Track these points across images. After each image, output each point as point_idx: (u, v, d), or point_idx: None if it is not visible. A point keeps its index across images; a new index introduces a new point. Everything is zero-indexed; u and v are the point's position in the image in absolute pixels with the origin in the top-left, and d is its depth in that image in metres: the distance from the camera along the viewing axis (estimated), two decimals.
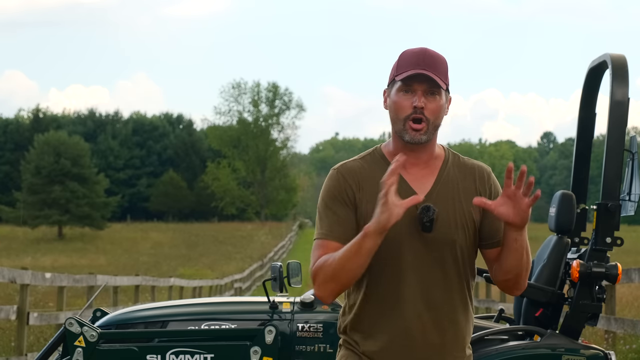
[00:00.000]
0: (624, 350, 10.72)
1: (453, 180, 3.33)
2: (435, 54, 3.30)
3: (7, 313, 10.98)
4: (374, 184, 3.24)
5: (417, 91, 3.25)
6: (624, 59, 5.06)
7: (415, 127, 3.25)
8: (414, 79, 3.25)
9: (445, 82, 3.28)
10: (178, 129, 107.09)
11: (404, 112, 3.26)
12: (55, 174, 74.39)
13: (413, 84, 3.25)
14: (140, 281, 20.18)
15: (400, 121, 3.27)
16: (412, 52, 3.30)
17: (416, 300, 3.25)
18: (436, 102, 3.26)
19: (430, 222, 3.23)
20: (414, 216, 3.24)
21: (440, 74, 3.26)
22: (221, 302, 5.63)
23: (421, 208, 3.24)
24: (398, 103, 3.27)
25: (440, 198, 3.29)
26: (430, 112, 3.25)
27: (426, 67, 3.25)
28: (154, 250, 59.24)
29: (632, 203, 5.04)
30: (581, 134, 5.68)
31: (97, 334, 4.99)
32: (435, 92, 3.26)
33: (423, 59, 3.27)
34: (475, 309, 21.28)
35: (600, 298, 5.00)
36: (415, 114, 3.24)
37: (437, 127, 3.29)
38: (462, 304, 3.33)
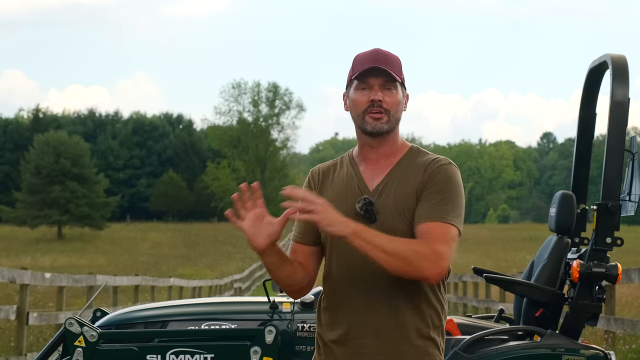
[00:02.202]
0: (623, 350, 10.73)
1: (403, 174, 3.39)
2: (387, 53, 3.41)
3: (7, 313, 10.98)
4: (334, 183, 3.45)
5: (373, 86, 3.35)
6: (624, 59, 5.06)
7: (375, 116, 3.35)
8: (369, 74, 3.35)
9: (400, 77, 3.38)
10: (178, 129, 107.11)
11: (362, 106, 3.37)
12: (55, 174, 74.40)
13: (369, 80, 3.36)
14: (140, 281, 20.18)
15: (360, 115, 3.38)
16: (365, 53, 3.42)
17: (366, 291, 3.33)
18: (393, 95, 3.36)
19: (366, 213, 3.33)
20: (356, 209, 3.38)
21: (394, 69, 3.37)
22: (221, 302, 5.63)
23: (359, 199, 3.36)
24: (356, 100, 3.38)
25: (387, 190, 3.37)
26: (389, 104, 3.36)
27: (380, 63, 3.36)
28: (154, 250, 59.27)
29: (632, 203, 5.05)
30: (581, 134, 5.68)
31: (97, 334, 4.99)
32: (391, 86, 3.36)
33: (376, 57, 3.38)
34: (475, 309, 21.30)
35: (600, 298, 5.00)
36: (372, 107, 3.35)
37: (397, 120, 3.39)
38: (418, 294, 3.33)
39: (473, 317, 5.48)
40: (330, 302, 3.41)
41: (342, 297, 3.37)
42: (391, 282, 3.29)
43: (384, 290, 3.32)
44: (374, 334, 3.32)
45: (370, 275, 3.32)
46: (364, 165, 3.44)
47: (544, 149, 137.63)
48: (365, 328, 3.33)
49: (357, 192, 3.39)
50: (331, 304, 3.40)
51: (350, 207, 3.35)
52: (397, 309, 3.32)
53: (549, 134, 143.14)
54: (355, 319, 3.34)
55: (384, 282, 3.31)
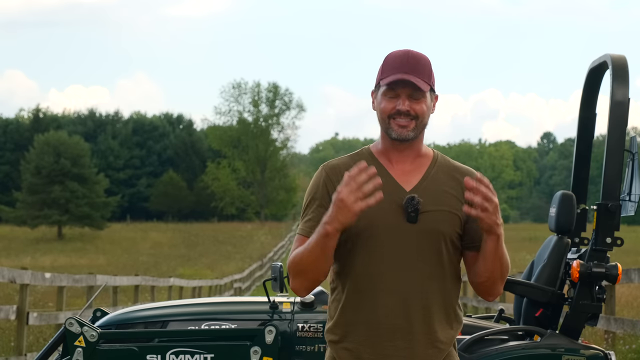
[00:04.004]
0: (623, 350, 10.72)
1: (440, 179, 3.39)
2: (418, 56, 3.38)
3: (7, 313, 10.97)
4: None
5: (401, 95, 3.33)
6: (624, 59, 5.06)
7: (401, 123, 3.34)
8: (397, 83, 3.33)
9: (429, 83, 3.36)
10: (178, 129, 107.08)
11: (388, 112, 3.36)
12: (55, 174, 74.36)
13: (397, 89, 3.34)
14: (140, 281, 20.18)
15: (385, 120, 3.37)
16: (395, 56, 3.39)
17: (400, 291, 3.30)
18: (420, 104, 3.34)
19: (415, 212, 3.29)
20: (399, 207, 3.31)
21: (423, 76, 3.34)
22: (221, 302, 5.63)
23: (406, 198, 3.31)
24: (383, 105, 3.36)
25: (427, 192, 3.34)
26: (416, 111, 3.34)
27: (409, 71, 3.33)
28: (154, 250, 59.24)
29: (632, 203, 5.05)
30: (581, 134, 5.68)
31: (97, 334, 4.99)
32: (420, 95, 3.34)
33: (406, 62, 3.35)
34: (475, 309, 21.30)
35: (600, 298, 5.00)
36: (399, 114, 3.34)
37: (424, 126, 3.38)
38: (447, 297, 3.36)
39: (473, 317, 5.48)
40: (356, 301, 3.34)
41: (372, 297, 3.32)
42: (425, 284, 3.30)
43: (418, 293, 3.30)
44: (406, 336, 3.30)
45: (406, 277, 3.30)
46: (390, 165, 3.41)
47: (544, 149, 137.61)
48: (396, 330, 3.30)
49: (392, 192, 3.33)
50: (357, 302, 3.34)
51: (385, 205, 3.28)
52: (428, 313, 3.31)
53: (549, 134, 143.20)
54: (386, 321, 3.30)
55: (418, 284, 3.30)
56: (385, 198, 3.27)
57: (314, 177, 3.45)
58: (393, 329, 3.30)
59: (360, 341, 3.33)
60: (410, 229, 3.30)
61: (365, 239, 3.31)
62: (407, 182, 3.37)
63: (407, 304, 3.29)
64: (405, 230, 3.31)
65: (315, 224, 3.30)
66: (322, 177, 3.42)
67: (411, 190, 3.34)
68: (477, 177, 3.17)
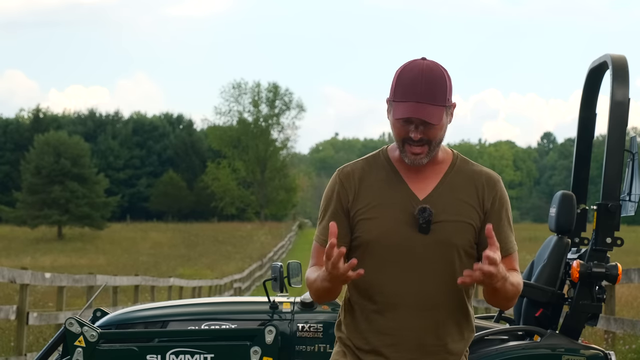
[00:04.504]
0: (623, 350, 10.72)
1: (456, 185, 3.32)
2: (433, 78, 3.22)
3: (7, 313, 10.98)
4: (374, 187, 3.31)
5: (414, 122, 3.23)
6: (625, 59, 5.06)
7: (415, 151, 3.25)
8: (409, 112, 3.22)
9: (444, 104, 3.23)
10: (178, 129, 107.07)
11: (401, 136, 3.27)
12: (55, 174, 74.37)
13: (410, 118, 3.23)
14: (140, 281, 20.19)
15: (399, 142, 3.29)
16: (409, 77, 3.23)
17: (412, 302, 3.26)
18: (435, 129, 3.24)
19: (426, 224, 3.24)
20: (411, 217, 3.26)
21: (438, 100, 3.21)
22: (221, 302, 5.63)
23: (418, 209, 3.26)
24: (397, 128, 3.27)
25: (440, 201, 3.28)
26: (430, 136, 3.25)
27: (423, 99, 3.19)
28: (154, 250, 59.23)
29: (632, 203, 5.04)
30: (581, 134, 5.68)
31: (97, 334, 4.99)
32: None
33: (420, 88, 3.20)
34: (475, 309, 21.29)
35: (600, 298, 5.00)
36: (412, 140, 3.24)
37: (438, 143, 3.29)
38: (459, 308, 3.33)
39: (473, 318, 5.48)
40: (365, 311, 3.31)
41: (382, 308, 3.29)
42: (437, 297, 3.27)
43: (430, 305, 3.27)
44: (416, 348, 3.28)
45: (417, 289, 3.26)
46: (405, 171, 3.33)
47: (544, 149, 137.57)
48: (409, 341, 3.28)
49: (405, 201, 3.29)
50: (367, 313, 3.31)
51: (398, 215, 3.26)
52: (439, 325, 3.29)
53: (549, 134, 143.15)
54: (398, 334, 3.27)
55: (430, 297, 3.27)
56: (399, 207, 3.26)
57: (330, 183, 3.40)
58: (403, 341, 3.27)
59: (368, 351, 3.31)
60: (422, 240, 3.26)
61: (376, 249, 3.28)
62: (421, 190, 3.30)
63: (417, 316, 3.27)
64: (417, 242, 3.26)
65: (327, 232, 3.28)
66: (337, 186, 3.37)
67: (424, 199, 3.28)
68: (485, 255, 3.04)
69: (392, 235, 3.26)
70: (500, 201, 3.35)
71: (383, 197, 3.30)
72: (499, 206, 3.34)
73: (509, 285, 3.19)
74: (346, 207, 3.33)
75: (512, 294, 3.25)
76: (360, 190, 3.33)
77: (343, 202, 3.32)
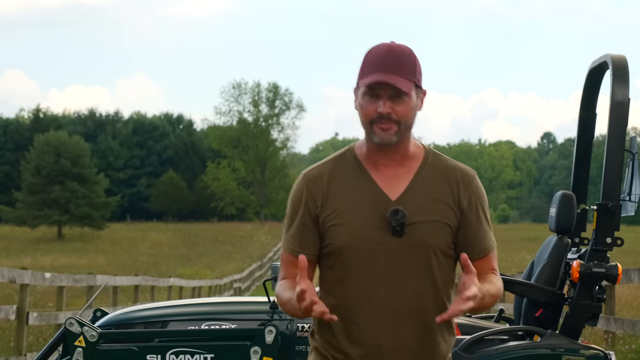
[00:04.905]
0: (623, 350, 10.72)
1: (430, 183, 3.15)
2: (400, 51, 3.11)
3: (7, 313, 10.97)
4: (343, 190, 3.14)
5: (382, 96, 3.07)
6: (625, 59, 5.06)
7: (383, 127, 3.08)
8: (377, 84, 3.07)
9: (413, 80, 3.09)
10: (178, 129, 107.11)
11: (369, 116, 3.10)
12: (55, 174, 74.39)
13: (377, 90, 3.08)
14: (140, 281, 20.19)
15: (367, 124, 3.11)
16: (376, 53, 3.11)
17: (388, 309, 3.09)
18: (404, 104, 3.08)
19: (400, 226, 3.07)
20: (384, 220, 3.09)
21: (406, 74, 3.08)
22: (221, 302, 5.64)
23: (390, 212, 3.08)
24: (364, 108, 3.11)
25: (414, 201, 3.11)
26: (399, 114, 3.08)
27: (390, 70, 3.07)
28: (154, 250, 59.26)
29: (632, 203, 5.05)
30: (581, 134, 5.68)
31: (97, 334, 4.99)
32: (403, 94, 3.08)
33: (387, 59, 3.08)
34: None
35: (600, 298, 5.00)
36: (380, 118, 3.08)
37: (409, 127, 3.13)
38: (439, 312, 3.10)
39: (473, 317, 5.48)
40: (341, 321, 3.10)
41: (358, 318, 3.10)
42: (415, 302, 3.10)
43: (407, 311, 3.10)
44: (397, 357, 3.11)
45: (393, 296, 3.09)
46: (375, 170, 3.15)
47: (543, 149, 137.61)
48: (387, 350, 3.10)
49: (376, 202, 3.11)
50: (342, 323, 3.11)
51: (369, 219, 3.09)
52: (418, 331, 3.11)
53: (548, 134, 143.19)
54: (376, 344, 3.10)
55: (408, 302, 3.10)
56: (370, 210, 3.10)
57: (296, 188, 3.22)
58: (385, 351, 3.10)
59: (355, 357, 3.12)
60: (396, 243, 3.08)
61: (348, 255, 3.10)
62: (393, 190, 3.12)
63: (395, 325, 3.09)
64: (392, 245, 3.08)
65: (299, 242, 3.15)
66: (304, 192, 3.18)
67: (397, 200, 3.10)
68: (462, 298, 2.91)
69: (364, 240, 3.09)
70: (478, 198, 3.17)
71: (353, 200, 3.12)
72: (476, 204, 3.16)
73: (488, 299, 3.05)
74: (314, 213, 3.15)
75: (491, 304, 3.13)
76: (328, 195, 3.14)
77: (311, 209, 3.15)
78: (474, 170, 3.29)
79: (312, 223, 3.16)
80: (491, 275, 3.15)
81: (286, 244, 3.21)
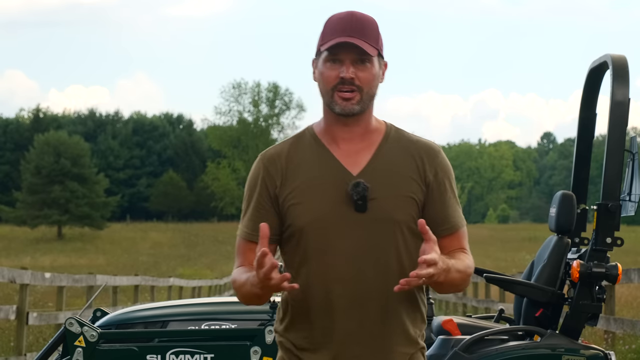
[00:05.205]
0: (623, 350, 10.72)
1: (393, 157, 3.00)
2: (363, 17, 2.99)
3: (7, 313, 10.97)
4: (302, 168, 3.00)
5: (344, 61, 2.95)
6: (625, 59, 5.06)
7: (345, 95, 2.95)
8: (340, 48, 2.95)
9: (377, 47, 2.98)
10: (178, 129, 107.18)
11: (331, 82, 2.97)
12: (55, 174, 74.43)
13: (340, 53, 2.95)
14: (140, 281, 20.20)
15: (328, 92, 2.98)
16: (337, 18, 3.00)
17: (354, 291, 2.93)
18: (367, 70, 2.96)
19: (362, 200, 2.92)
20: (346, 196, 2.94)
21: (370, 39, 2.96)
22: (221, 302, 5.64)
23: (351, 184, 2.93)
24: (325, 74, 2.97)
25: (377, 175, 2.96)
26: (362, 81, 2.96)
27: (353, 34, 2.95)
28: (154, 250, 59.29)
29: (632, 203, 5.05)
30: (581, 134, 5.68)
31: (97, 334, 4.99)
32: (366, 59, 2.96)
33: (350, 24, 2.96)
34: (475, 309, 21.28)
35: (600, 298, 5.00)
36: (343, 84, 2.95)
37: (371, 96, 2.99)
38: (407, 294, 2.96)
39: (473, 317, 5.48)
40: (305, 305, 2.97)
41: (323, 300, 2.95)
42: (381, 281, 2.93)
43: (374, 291, 2.93)
44: (363, 341, 2.94)
45: (358, 275, 2.93)
46: (335, 145, 3.01)
47: (543, 149, 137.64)
48: (353, 336, 2.94)
49: (337, 178, 2.95)
50: (307, 306, 2.96)
51: (330, 195, 2.94)
52: (387, 313, 2.95)
53: (548, 134, 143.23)
54: (342, 326, 2.94)
55: (374, 282, 2.93)
56: (331, 186, 2.95)
57: (253, 169, 3.06)
58: (348, 334, 2.94)
59: (314, 350, 2.97)
60: (359, 219, 2.92)
61: (310, 235, 2.94)
62: (355, 165, 2.97)
63: (361, 305, 2.93)
64: (355, 221, 2.93)
65: (254, 225, 2.97)
66: (261, 172, 3.03)
67: (359, 174, 2.95)
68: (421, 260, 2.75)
69: (326, 218, 2.93)
70: (444, 173, 3.03)
71: (312, 177, 2.97)
72: (442, 177, 3.02)
73: (455, 274, 2.89)
74: (273, 194, 3.00)
75: (460, 280, 2.94)
76: (287, 174, 3.00)
77: (270, 189, 3.00)
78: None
79: (270, 204, 3.00)
80: (460, 253, 3.01)
81: (242, 229, 3.05)
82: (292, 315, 3.01)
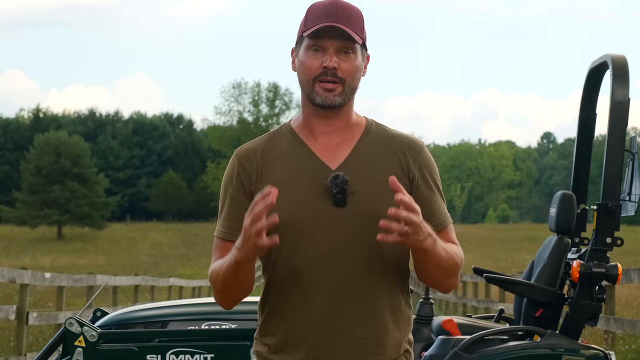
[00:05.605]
0: (623, 350, 10.72)
1: (374, 151, 2.88)
2: (349, 5, 2.86)
3: (7, 313, 10.97)
4: (278, 163, 2.88)
5: (328, 49, 2.83)
6: (625, 59, 5.06)
7: (326, 86, 2.82)
8: (324, 34, 2.82)
9: (362, 37, 2.86)
10: (178, 129, 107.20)
11: (312, 72, 2.84)
12: (55, 174, 74.44)
13: (323, 41, 2.83)
14: (140, 281, 20.20)
15: (308, 82, 2.85)
16: (321, 4, 2.87)
17: (334, 289, 2.79)
18: (351, 61, 2.84)
19: (341, 194, 2.79)
20: (324, 190, 2.81)
21: (355, 27, 2.84)
22: None
23: (330, 177, 2.81)
24: (306, 63, 2.85)
25: (357, 170, 2.83)
26: (345, 72, 2.83)
27: (339, 20, 2.82)
28: (154, 250, 59.28)
29: (632, 203, 5.05)
30: (581, 134, 5.68)
31: (97, 334, 4.99)
32: (350, 49, 2.84)
33: (334, 11, 2.83)
34: (475, 309, 21.25)
35: (600, 298, 5.00)
36: (325, 75, 2.82)
37: (353, 89, 2.87)
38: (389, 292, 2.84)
39: (473, 317, 5.49)
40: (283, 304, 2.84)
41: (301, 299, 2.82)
42: (362, 279, 2.80)
43: (354, 290, 2.80)
44: (342, 342, 2.80)
45: (338, 273, 2.79)
46: (313, 140, 2.88)
47: (543, 149, 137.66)
48: (329, 338, 2.80)
49: (315, 173, 2.83)
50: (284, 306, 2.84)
51: (308, 190, 2.82)
52: (368, 313, 2.81)
53: (548, 134, 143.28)
54: (318, 327, 2.80)
55: (354, 279, 2.80)
56: (309, 181, 2.82)
57: (228, 166, 2.94)
58: (327, 335, 2.80)
59: (289, 352, 2.83)
60: (339, 214, 2.80)
61: (288, 231, 2.78)
62: (334, 159, 2.85)
63: (341, 305, 2.79)
64: (334, 217, 2.80)
65: (231, 223, 2.88)
66: (235, 167, 2.91)
67: (338, 168, 2.82)
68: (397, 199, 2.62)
69: (304, 214, 2.80)
70: (428, 169, 2.91)
71: (290, 172, 2.84)
72: (427, 174, 2.90)
73: (441, 250, 2.74)
74: (249, 190, 2.88)
75: (447, 264, 2.78)
76: (262, 169, 2.87)
77: (245, 185, 2.88)
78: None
79: (246, 201, 2.84)
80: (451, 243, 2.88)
81: (218, 229, 2.92)
82: (268, 317, 2.88)
